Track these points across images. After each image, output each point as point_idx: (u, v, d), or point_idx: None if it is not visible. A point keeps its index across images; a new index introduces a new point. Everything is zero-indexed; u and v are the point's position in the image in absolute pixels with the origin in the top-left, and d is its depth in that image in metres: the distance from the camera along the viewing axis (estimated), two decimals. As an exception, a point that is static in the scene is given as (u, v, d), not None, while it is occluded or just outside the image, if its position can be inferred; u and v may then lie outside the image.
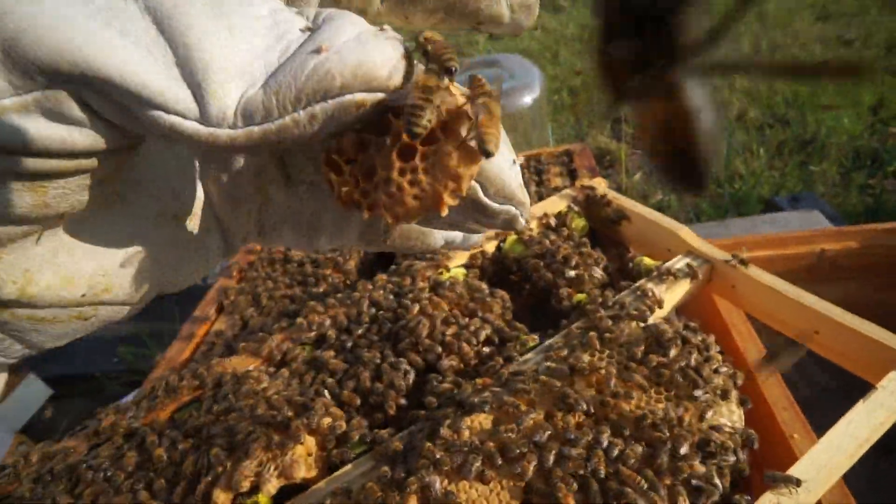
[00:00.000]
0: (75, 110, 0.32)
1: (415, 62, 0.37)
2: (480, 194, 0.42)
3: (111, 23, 0.31)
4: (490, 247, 1.48)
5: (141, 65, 0.31)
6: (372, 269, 1.77)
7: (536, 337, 1.17)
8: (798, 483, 0.86)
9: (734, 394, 1.01)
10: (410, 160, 0.37)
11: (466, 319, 1.22)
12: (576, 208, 1.58)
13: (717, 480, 0.87)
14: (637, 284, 1.26)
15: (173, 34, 0.32)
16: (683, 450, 0.88)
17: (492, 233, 1.52)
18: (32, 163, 0.32)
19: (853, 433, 0.92)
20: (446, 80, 0.37)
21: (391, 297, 1.32)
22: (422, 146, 0.37)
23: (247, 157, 0.49)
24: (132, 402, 1.24)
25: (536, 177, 2.02)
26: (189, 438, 1.09)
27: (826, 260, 2.00)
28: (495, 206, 0.43)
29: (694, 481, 0.86)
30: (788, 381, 1.12)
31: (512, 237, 1.49)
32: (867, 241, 1.99)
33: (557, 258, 1.36)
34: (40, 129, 0.31)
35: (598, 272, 1.34)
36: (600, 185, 1.60)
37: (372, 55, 0.35)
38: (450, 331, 1.17)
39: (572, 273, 1.32)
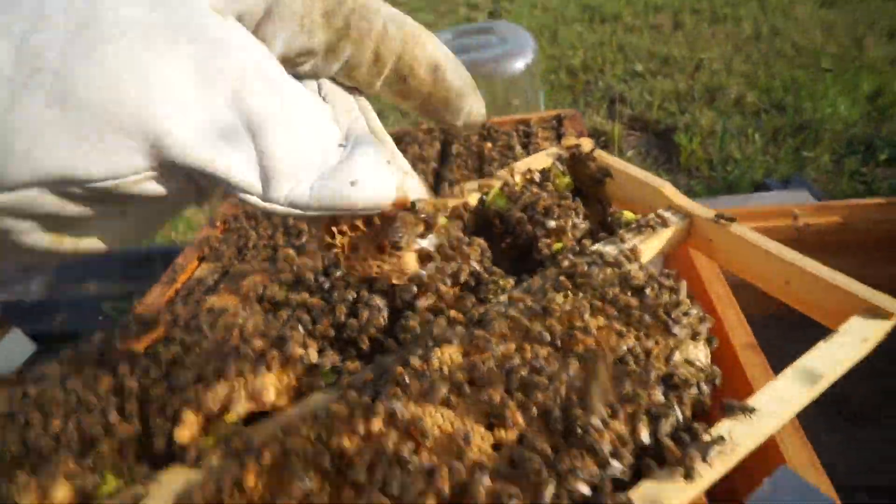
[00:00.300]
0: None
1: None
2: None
3: (217, 124, 0.48)
4: (473, 200, 1.48)
5: (239, 168, 0.51)
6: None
7: (512, 281, 1.18)
8: (752, 410, 0.87)
9: (703, 334, 1.02)
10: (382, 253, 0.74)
11: (443, 262, 1.22)
12: (561, 166, 1.57)
13: (676, 408, 0.88)
14: (615, 236, 1.26)
15: (259, 142, 0.51)
16: (650, 380, 0.90)
17: (474, 184, 1.53)
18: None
19: (812, 369, 0.93)
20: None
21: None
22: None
23: None
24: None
25: (525, 139, 2.02)
26: (161, 367, 1.10)
27: (808, 234, 2.01)
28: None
29: (654, 409, 0.87)
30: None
31: (495, 190, 1.49)
32: (850, 217, 2.00)
33: (538, 209, 1.36)
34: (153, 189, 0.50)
35: (580, 223, 1.34)
36: (586, 144, 1.60)
37: (383, 193, 0.61)
38: (427, 271, 1.18)
39: (553, 223, 1.32)
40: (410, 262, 0.77)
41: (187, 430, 0.97)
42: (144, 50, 0.44)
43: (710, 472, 0.83)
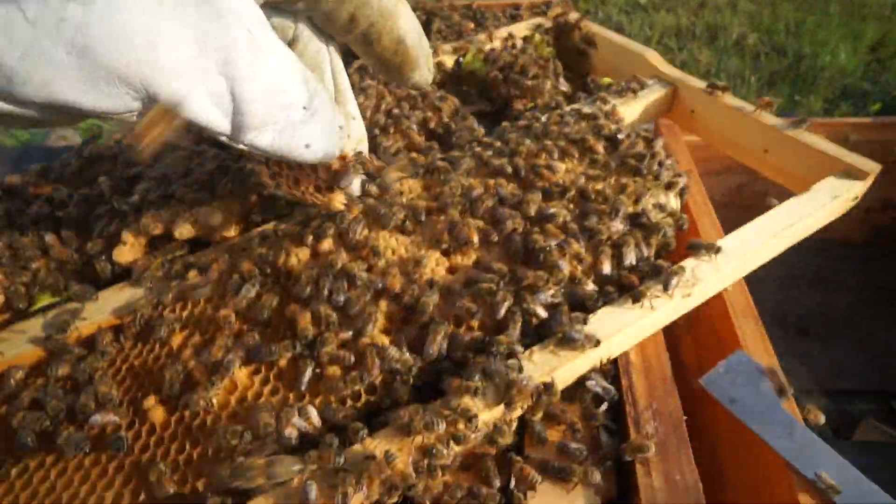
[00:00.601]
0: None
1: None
2: None
3: (205, 85, 0.57)
4: (448, 60, 1.39)
5: (218, 121, 0.60)
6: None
7: (483, 130, 1.12)
8: (718, 250, 0.85)
9: (678, 185, 0.98)
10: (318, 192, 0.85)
11: (410, 109, 1.15)
12: (543, 36, 1.48)
13: (642, 245, 0.85)
14: (595, 96, 1.20)
15: (239, 103, 0.59)
16: (617, 215, 0.86)
17: (449, 47, 1.43)
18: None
19: (780, 220, 0.91)
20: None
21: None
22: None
23: None
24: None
25: (510, 21, 1.90)
26: (102, 193, 1.03)
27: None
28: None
29: (617, 241, 0.84)
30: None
31: (472, 51, 1.40)
32: (837, 135, 1.96)
33: (515, 69, 1.28)
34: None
35: (559, 85, 1.27)
36: (572, 14, 1.50)
37: (329, 156, 0.74)
38: (395, 110, 1.11)
39: (529, 82, 1.25)
40: (337, 201, 0.85)
41: (127, 251, 0.92)
42: (155, 16, 0.52)
43: (669, 303, 0.81)
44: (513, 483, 0.70)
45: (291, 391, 0.72)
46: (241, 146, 0.64)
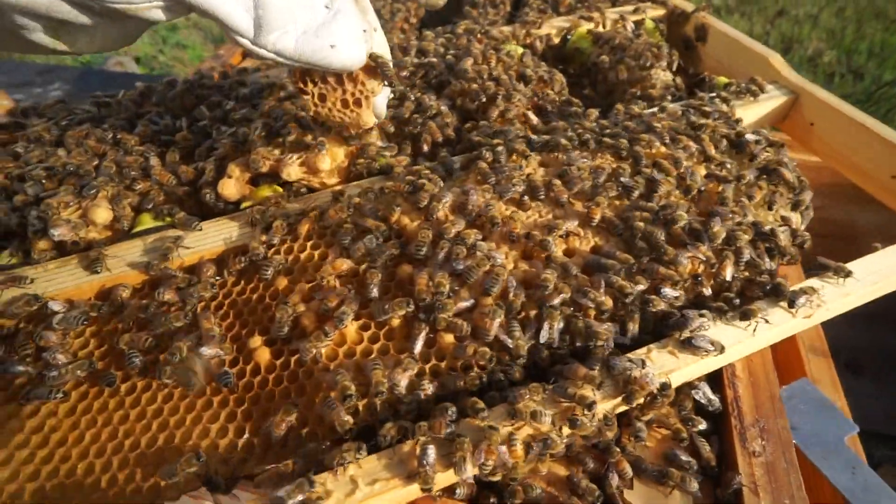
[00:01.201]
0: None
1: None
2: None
3: None
4: (551, 31, 1.33)
5: (237, 14, 0.61)
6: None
7: (597, 111, 1.07)
8: (848, 274, 0.80)
9: (805, 203, 0.92)
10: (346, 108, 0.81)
11: (519, 83, 1.10)
12: (659, 24, 1.41)
13: (765, 258, 0.81)
14: (713, 94, 1.13)
15: None
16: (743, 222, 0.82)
17: (560, 20, 1.37)
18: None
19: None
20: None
21: (441, 49, 1.20)
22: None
23: None
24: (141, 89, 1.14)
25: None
26: (211, 119, 1.01)
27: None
28: None
29: (742, 250, 0.80)
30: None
31: (582, 29, 1.34)
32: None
33: (628, 53, 1.22)
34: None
35: (668, 77, 1.21)
36: (688, 5, 1.43)
37: (355, 58, 0.72)
38: (499, 74, 1.07)
39: (642, 71, 1.19)
40: (368, 118, 0.82)
41: (232, 185, 0.90)
42: None
43: (790, 321, 0.77)
44: (614, 479, 0.68)
45: (402, 353, 0.70)
46: (265, 52, 0.64)
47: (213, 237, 0.85)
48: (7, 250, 0.86)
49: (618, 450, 0.71)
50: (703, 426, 0.76)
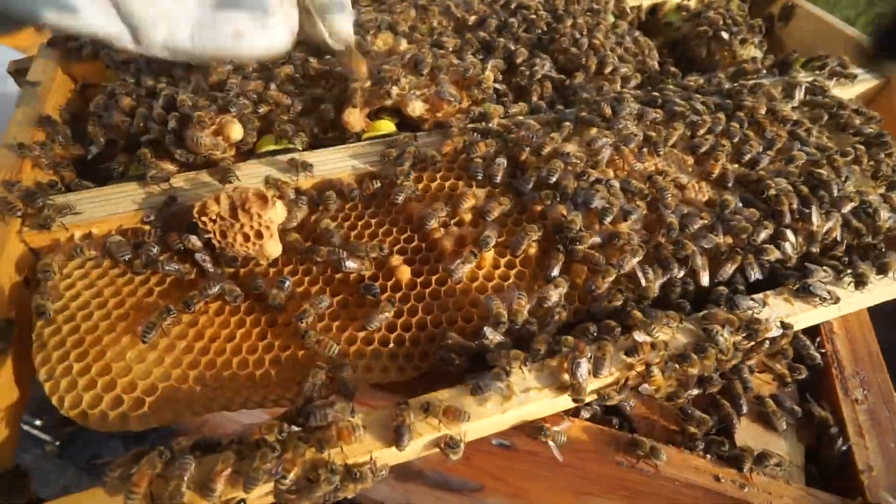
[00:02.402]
0: None
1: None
2: None
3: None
4: (642, 2, 1.35)
5: (99, 24, 0.63)
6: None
7: (699, 77, 1.09)
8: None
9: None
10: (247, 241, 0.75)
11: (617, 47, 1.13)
12: (741, 3, 1.42)
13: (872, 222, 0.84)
14: (808, 76, 1.15)
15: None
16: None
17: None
18: None
19: None
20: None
21: (540, 4, 1.22)
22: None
23: None
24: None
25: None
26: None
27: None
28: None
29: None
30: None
31: (673, 3, 1.36)
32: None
33: (722, 25, 1.24)
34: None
35: (759, 53, 1.23)
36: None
37: (270, 45, 0.77)
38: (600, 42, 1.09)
39: (735, 44, 1.21)
40: (272, 249, 0.76)
41: (357, 115, 0.92)
42: None
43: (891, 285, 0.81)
44: (743, 402, 0.73)
45: (537, 280, 0.74)
46: (155, 52, 0.63)
47: (338, 163, 0.88)
48: (137, 161, 0.88)
49: (739, 382, 0.75)
50: (804, 375, 0.80)
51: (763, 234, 0.77)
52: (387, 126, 0.95)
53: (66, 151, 0.95)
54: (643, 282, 0.73)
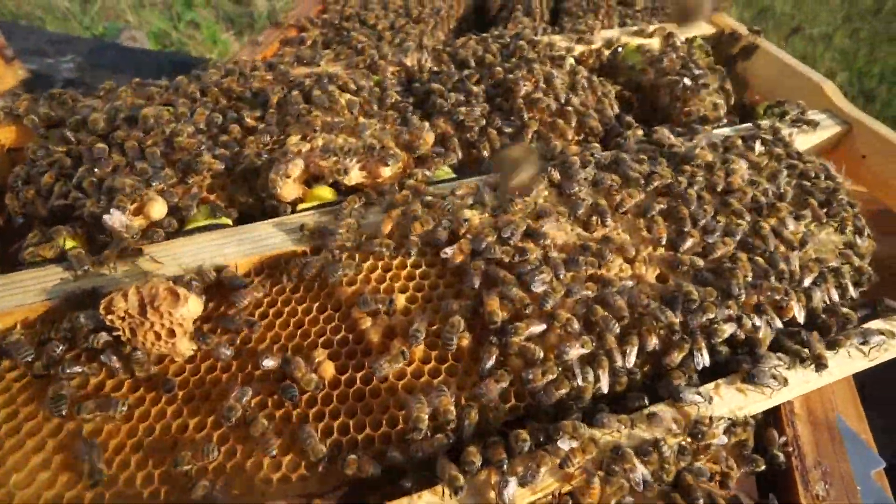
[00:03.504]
0: None
1: None
2: None
3: None
4: (600, 44, 1.31)
5: None
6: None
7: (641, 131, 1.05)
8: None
9: (865, 231, 0.92)
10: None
11: (573, 97, 1.08)
12: (704, 44, 1.40)
13: (833, 294, 0.80)
14: (768, 123, 1.12)
15: None
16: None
17: (614, 33, 1.35)
18: None
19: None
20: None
21: (495, 56, 1.18)
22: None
23: None
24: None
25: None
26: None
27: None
28: None
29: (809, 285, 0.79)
30: None
31: (633, 44, 1.32)
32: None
33: (683, 71, 1.20)
34: None
35: (720, 102, 1.19)
36: (741, 27, 1.42)
37: None
38: (575, 99, 1.05)
39: (696, 91, 1.17)
40: (185, 347, 0.71)
41: (291, 187, 0.87)
42: None
43: (858, 360, 0.76)
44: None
45: (470, 375, 0.68)
46: None
47: (272, 239, 0.83)
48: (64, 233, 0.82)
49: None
50: (762, 467, 0.74)
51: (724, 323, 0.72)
52: (324, 194, 0.90)
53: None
54: (579, 381, 0.67)
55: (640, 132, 1.06)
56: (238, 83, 1.04)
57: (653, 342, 0.70)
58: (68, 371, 0.67)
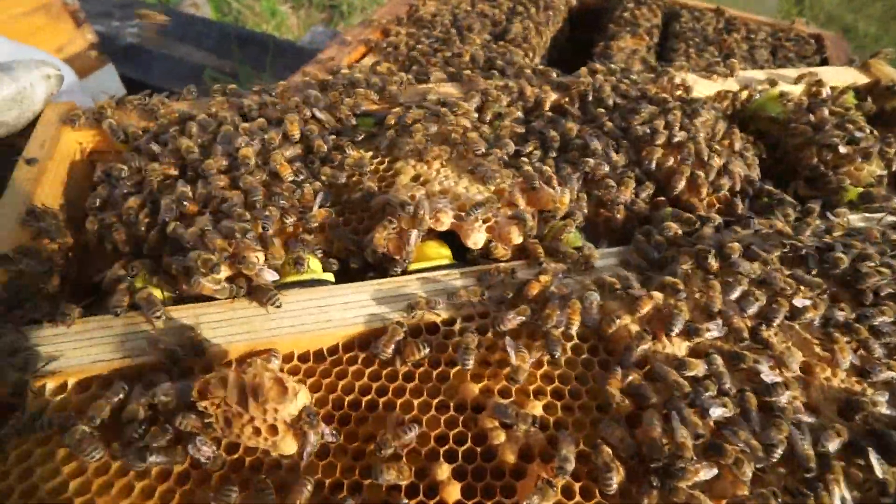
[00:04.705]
0: None
1: None
2: None
3: None
4: (743, 92, 1.16)
5: None
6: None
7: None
8: None
9: None
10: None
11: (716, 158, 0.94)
12: (855, 93, 1.22)
13: None
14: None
15: None
16: None
17: (755, 75, 1.19)
18: None
19: None
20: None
21: (620, 99, 1.04)
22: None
23: None
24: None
25: (773, 42, 1.64)
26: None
27: None
28: None
29: None
30: None
31: (773, 92, 1.16)
32: None
33: (834, 130, 1.05)
34: None
35: (882, 171, 1.03)
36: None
37: None
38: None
39: (852, 155, 1.01)
40: (287, 446, 0.59)
41: (384, 234, 0.75)
42: None
43: None
44: None
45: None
46: None
47: (369, 308, 0.71)
48: (142, 271, 0.72)
49: None
50: None
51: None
52: (437, 253, 0.78)
53: (57, 243, 0.80)
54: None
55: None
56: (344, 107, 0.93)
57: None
58: (152, 459, 0.57)
